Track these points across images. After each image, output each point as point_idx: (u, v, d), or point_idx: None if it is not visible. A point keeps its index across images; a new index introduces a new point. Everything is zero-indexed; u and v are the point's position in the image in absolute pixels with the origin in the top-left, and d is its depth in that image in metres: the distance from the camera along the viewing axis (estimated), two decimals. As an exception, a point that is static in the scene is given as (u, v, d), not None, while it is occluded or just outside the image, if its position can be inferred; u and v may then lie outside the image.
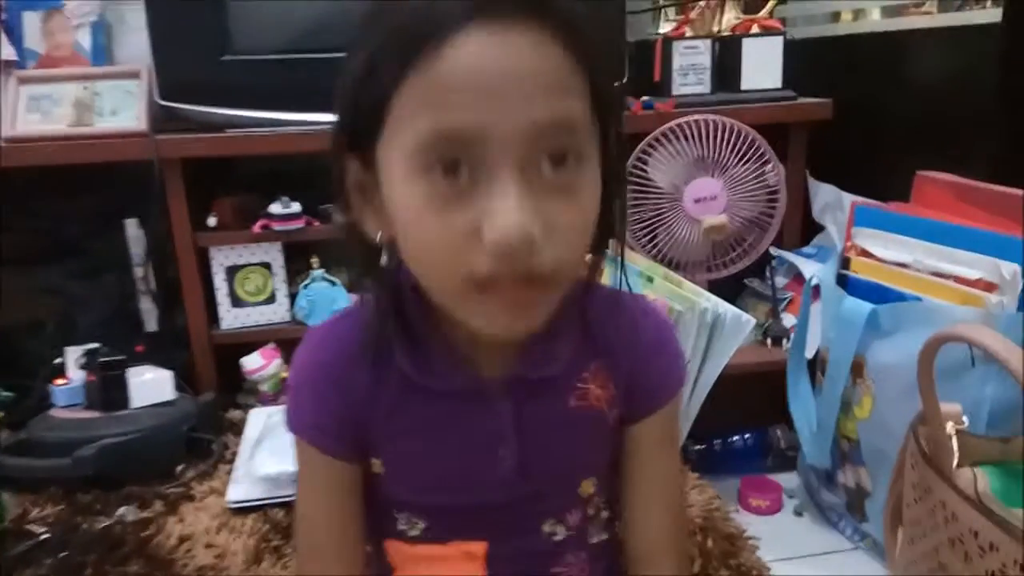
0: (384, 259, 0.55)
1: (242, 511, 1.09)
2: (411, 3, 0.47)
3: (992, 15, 1.19)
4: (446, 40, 0.44)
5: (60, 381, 1.28)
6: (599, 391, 0.61)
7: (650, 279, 1.25)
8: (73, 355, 1.30)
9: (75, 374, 1.29)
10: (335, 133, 0.53)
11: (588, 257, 0.61)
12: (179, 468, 1.20)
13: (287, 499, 1.07)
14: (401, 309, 0.58)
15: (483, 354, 0.58)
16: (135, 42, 1.40)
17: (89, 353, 1.27)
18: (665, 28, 1.51)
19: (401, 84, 0.46)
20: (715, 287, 1.30)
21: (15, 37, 1.41)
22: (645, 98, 1.41)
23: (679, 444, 0.75)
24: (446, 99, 0.44)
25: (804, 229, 1.50)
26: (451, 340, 0.58)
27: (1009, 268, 0.93)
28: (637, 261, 1.31)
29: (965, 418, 0.78)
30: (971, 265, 0.98)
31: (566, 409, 0.60)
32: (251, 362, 1.40)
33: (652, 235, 1.34)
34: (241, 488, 1.11)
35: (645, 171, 1.31)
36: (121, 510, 1.10)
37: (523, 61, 0.45)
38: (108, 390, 1.23)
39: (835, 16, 1.64)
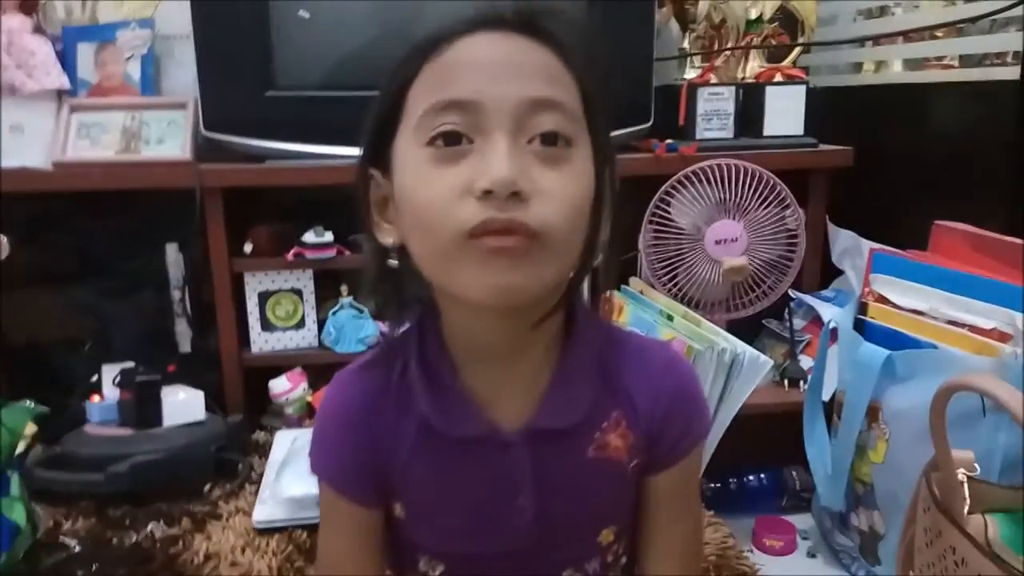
0: (395, 262, 0.59)
1: (267, 531, 1.11)
2: (437, 25, 0.55)
3: (1012, 72, 1.22)
4: (454, 41, 0.53)
5: (95, 398, 1.33)
6: (619, 441, 0.61)
7: (670, 317, 1.28)
8: (109, 373, 1.34)
9: (110, 392, 1.33)
10: (361, 151, 0.58)
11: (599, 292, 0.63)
12: (207, 487, 1.23)
13: (311, 521, 1.10)
14: (424, 354, 0.60)
15: (503, 401, 0.59)
16: (182, 75, 1.47)
17: (125, 372, 1.31)
18: (691, 74, 1.55)
19: (417, 74, 0.53)
20: (734, 327, 1.33)
21: (69, 67, 1.47)
22: (669, 141, 1.45)
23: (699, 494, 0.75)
24: (450, 76, 0.52)
25: (823, 273, 1.52)
26: (471, 386, 0.59)
27: (1022, 319, 0.95)
28: (658, 299, 1.34)
29: (977, 465, 0.80)
30: (985, 315, 1.00)
31: (585, 459, 0.60)
32: (278, 385, 1.44)
33: (673, 275, 1.37)
34: (267, 509, 1.14)
35: (668, 212, 1.35)
36: (150, 526, 1.13)
37: (518, 54, 0.53)
38: (142, 408, 1.27)
39: (857, 67, 1.68)
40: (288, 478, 1.16)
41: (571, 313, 0.61)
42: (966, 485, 0.78)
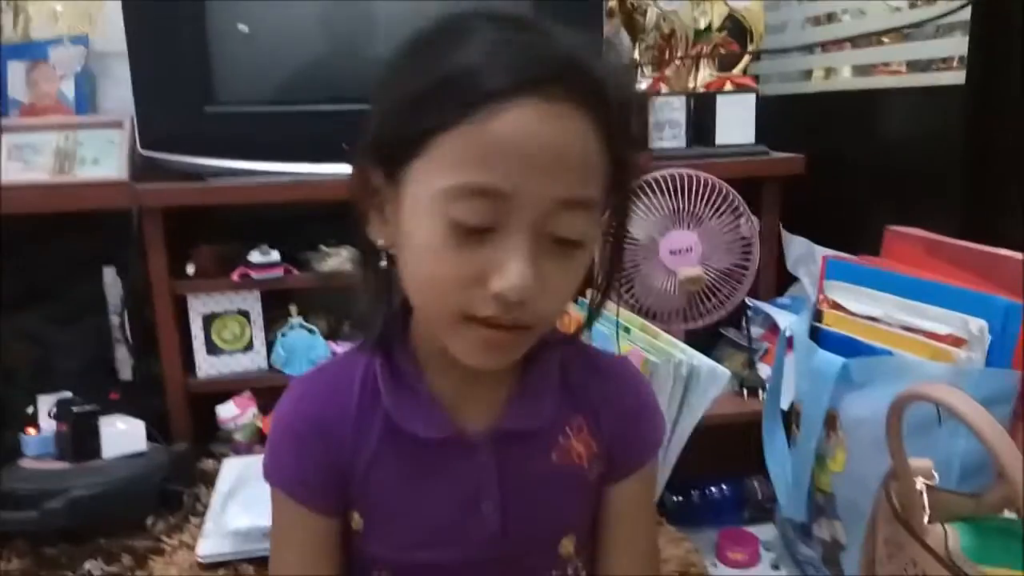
0: (384, 263, 0.59)
1: (212, 566, 1.06)
2: (479, 56, 0.50)
3: (958, 76, 1.23)
4: (504, 105, 0.49)
5: (31, 431, 1.26)
6: (581, 448, 0.62)
7: (627, 330, 1.26)
8: (45, 404, 1.28)
9: (47, 423, 1.27)
10: (366, 141, 0.55)
11: (574, 310, 0.63)
12: (149, 521, 1.17)
13: (257, 554, 1.05)
14: (390, 356, 0.60)
15: (468, 405, 0.60)
16: (120, 93, 1.42)
17: (61, 402, 1.25)
18: (642, 84, 1.54)
19: (454, 127, 0.49)
20: (692, 337, 1.31)
21: (-1, 86, 1.42)
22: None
23: (655, 503, 0.77)
24: (493, 158, 0.49)
25: (779, 280, 1.52)
26: (437, 389, 0.59)
27: (977, 324, 0.95)
28: (615, 311, 1.32)
29: (935, 474, 0.79)
30: (941, 320, 0.99)
31: (548, 464, 0.61)
32: (226, 411, 1.39)
33: (629, 286, 1.36)
34: (211, 542, 1.08)
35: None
36: (87, 565, 1.08)
37: (563, 139, 0.50)
38: (79, 440, 1.21)
39: (807, 74, 1.69)
40: (233, 509, 1.11)
41: None
42: (925, 494, 0.76)
